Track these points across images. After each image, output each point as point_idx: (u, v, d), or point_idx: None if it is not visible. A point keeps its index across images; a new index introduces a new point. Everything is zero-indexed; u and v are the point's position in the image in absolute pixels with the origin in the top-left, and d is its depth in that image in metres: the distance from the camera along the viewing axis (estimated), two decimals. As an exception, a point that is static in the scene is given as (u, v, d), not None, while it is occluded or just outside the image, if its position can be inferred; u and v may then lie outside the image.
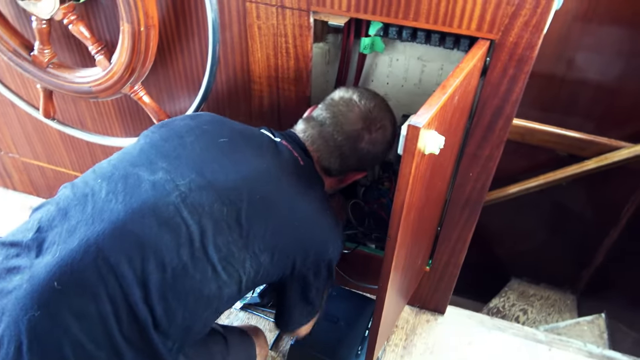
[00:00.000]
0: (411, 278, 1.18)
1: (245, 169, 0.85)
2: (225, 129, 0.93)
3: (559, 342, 1.40)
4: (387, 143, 1.02)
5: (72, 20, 1.08)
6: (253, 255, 0.82)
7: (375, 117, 0.98)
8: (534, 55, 0.88)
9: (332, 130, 0.98)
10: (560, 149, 1.83)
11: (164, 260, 0.74)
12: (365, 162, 1.02)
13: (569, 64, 1.73)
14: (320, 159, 0.99)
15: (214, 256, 0.78)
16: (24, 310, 0.69)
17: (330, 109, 0.99)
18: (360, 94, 1.00)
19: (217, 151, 0.86)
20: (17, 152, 1.70)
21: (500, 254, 2.32)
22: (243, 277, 0.82)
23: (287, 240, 0.86)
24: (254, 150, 0.90)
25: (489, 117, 0.98)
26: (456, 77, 0.77)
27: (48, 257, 0.72)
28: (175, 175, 0.80)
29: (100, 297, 0.71)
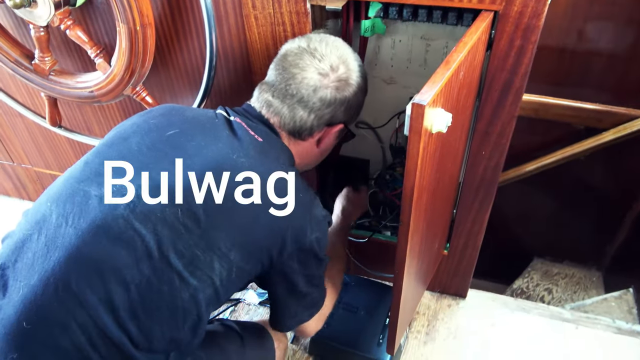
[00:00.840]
0: (429, 263, 1.15)
1: (198, 161, 0.78)
2: (175, 118, 0.85)
3: (586, 320, 1.37)
4: (355, 84, 0.89)
5: (69, 26, 1.07)
6: (221, 255, 0.75)
7: (330, 57, 0.86)
8: (540, 24, 0.84)
9: (284, 86, 0.86)
10: (576, 122, 1.78)
11: (125, 279, 0.70)
12: (336, 111, 0.89)
13: (579, 34, 1.68)
14: (283, 123, 0.88)
15: (177, 264, 0.72)
16: (3, 354, 0.68)
17: (279, 64, 0.88)
18: (308, 39, 0.89)
19: (166, 147, 0.79)
20: (30, 162, 1.71)
21: (521, 234, 2.28)
22: (215, 279, 0.76)
23: (256, 232, 0.78)
24: (208, 135, 0.82)
25: (498, 92, 0.95)
26: (459, 52, 0.74)
27: (14, 296, 0.70)
28: None
29: (71, 328, 0.68)
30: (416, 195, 0.73)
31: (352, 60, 0.90)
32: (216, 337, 0.92)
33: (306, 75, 0.86)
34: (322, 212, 0.87)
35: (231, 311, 1.40)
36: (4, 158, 1.75)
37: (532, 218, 2.19)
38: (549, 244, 2.25)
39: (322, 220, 0.86)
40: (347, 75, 0.88)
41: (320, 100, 0.87)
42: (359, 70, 0.91)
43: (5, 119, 1.58)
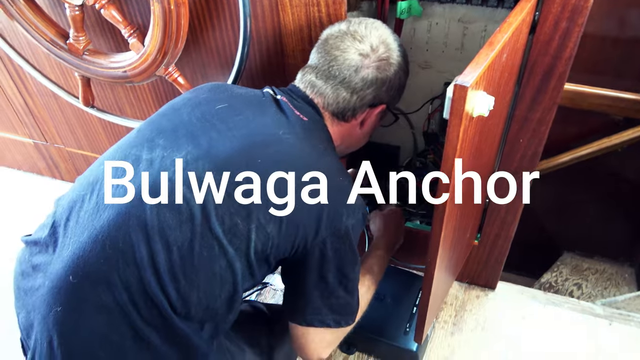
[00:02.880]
0: (460, 252, 1.13)
1: (245, 133, 0.80)
2: (225, 94, 0.88)
3: (619, 317, 1.33)
4: (396, 63, 0.90)
5: (103, 5, 1.08)
6: (259, 226, 0.75)
7: (370, 38, 0.88)
8: (589, 5, 0.80)
9: (327, 67, 0.88)
10: (614, 113, 1.71)
11: (168, 240, 0.72)
12: (378, 91, 0.89)
13: (621, 22, 1.61)
14: (327, 104, 0.89)
15: (218, 230, 0.74)
16: (48, 307, 0.71)
17: (322, 48, 0.90)
18: (348, 22, 0.91)
19: (214, 118, 0.82)
20: (62, 142, 1.74)
21: (551, 226, 2.23)
22: (251, 250, 0.76)
23: (294, 208, 0.78)
24: (255, 110, 0.84)
25: (540, 76, 0.91)
26: (504, 33, 0.72)
27: (64, 252, 0.73)
28: (171, 149, 0.77)
29: (115, 285, 0.70)
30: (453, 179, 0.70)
31: (391, 40, 0.90)
32: (244, 316, 0.93)
33: (347, 56, 0.87)
34: (359, 200, 0.85)
35: (257, 295, 1.41)
36: (38, 138, 1.78)
37: (563, 211, 2.14)
38: (579, 238, 2.19)
39: (358, 209, 0.84)
40: (387, 55, 0.89)
41: (362, 80, 0.87)
42: (399, 50, 0.91)
43: (40, 99, 1.61)
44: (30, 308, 0.74)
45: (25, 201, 1.85)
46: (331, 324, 0.85)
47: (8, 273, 0.84)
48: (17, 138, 1.83)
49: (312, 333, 0.86)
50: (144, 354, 0.72)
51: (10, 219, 1.76)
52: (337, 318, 0.86)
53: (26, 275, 0.78)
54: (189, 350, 0.75)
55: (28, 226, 0.84)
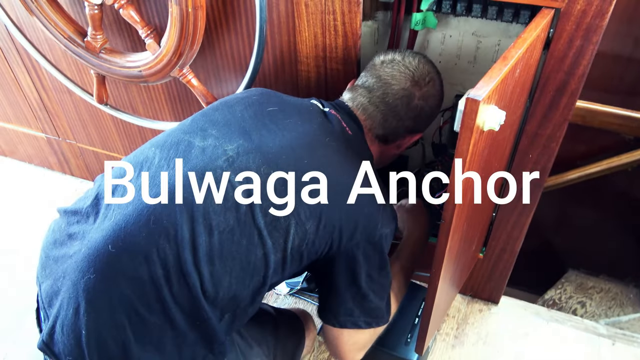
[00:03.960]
0: (464, 264, 1.13)
1: (294, 135, 0.84)
2: (275, 99, 0.92)
3: (623, 337, 1.32)
4: (439, 96, 0.98)
5: (122, 5, 1.09)
6: (299, 222, 0.79)
7: (422, 71, 0.94)
8: (604, 24, 0.81)
9: (381, 94, 0.93)
10: (625, 132, 1.71)
11: (212, 223, 0.74)
12: (420, 121, 0.97)
13: (636, 41, 1.61)
14: (374, 127, 0.95)
15: (260, 221, 0.76)
16: (81, 273, 0.72)
17: (375, 73, 0.95)
18: (401, 53, 0.96)
19: (265, 118, 0.86)
20: (74, 138, 1.76)
21: (557, 243, 2.21)
22: (288, 245, 0.79)
23: (333, 208, 0.82)
24: (303, 117, 0.89)
25: (552, 92, 0.91)
26: (518, 48, 0.72)
27: (105, 222, 0.75)
28: (223, 141, 0.81)
29: (153, 260, 0.72)
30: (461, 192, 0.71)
31: (437, 77, 0.97)
32: (253, 316, 0.94)
33: (402, 86, 0.93)
34: (394, 213, 0.90)
35: (260, 298, 1.41)
36: (51, 132, 1.80)
37: (569, 228, 2.12)
38: (585, 256, 2.18)
39: (393, 220, 0.89)
40: (434, 91, 0.96)
41: (410, 111, 0.94)
42: (441, 85, 0.98)
43: (55, 94, 1.63)
44: (60, 275, 0.75)
45: (35, 195, 1.87)
46: (362, 325, 0.89)
47: (9, 266, 0.85)
48: (30, 132, 1.86)
49: (345, 335, 0.90)
50: (167, 332, 0.73)
51: (20, 213, 1.78)
52: (369, 320, 0.89)
53: (59, 244, 0.79)
54: (209, 335, 0.76)
55: (36, 219, 0.85)
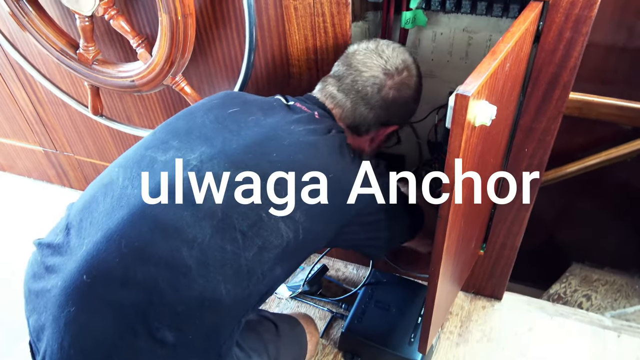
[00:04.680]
0: (464, 262, 1.12)
1: (258, 131, 0.83)
2: (236, 100, 0.91)
3: (629, 329, 1.31)
4: (415, 87, 0.95)
5: (112, 15, 1.10)
6: (285, 216, 0.78)
7: (395, 60, 0.92)
8: (593, 15, 0.80)
9: (350, 81, 0.91)
10: (623, 123, 1.70)
11: (188, 237, 0.73)
12: (394, 111, 0.94)
13: (629, 31, 1.60)
14: (344, 116, 0.93)
15: (241, 225, 0.75)
16: (60, 307, 0.71)
17: (346, 61, 0.93)
18: (375, 42, 0.94)
19: (227, 120, 0.85)
20: (72, 150, 1.76)
21: (560, 237, 2.21)
22: (282, 239, 0.78)
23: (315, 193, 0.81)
24: (266, 111, 0.88)
25: (545, 86, 0.91)
26: (507, 43, 0.72)
27: (77, 252, 0.74)
28: (185, 151, 0.80)
29: (129, 284, 0.70)
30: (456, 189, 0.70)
31: (414, 67, 0.95)
32: (252, 324, 0.93)
33: (373, 73, 0.90)
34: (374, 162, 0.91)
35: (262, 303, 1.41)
36: (48, 146, 1.81)
37: (572, 221, 2.11)
38: (589, 249, 2.17)
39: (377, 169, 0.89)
40: (409, 79, 0.93)
41: (382, 99, 0.91)
42: (418, 76, 0.96)
43: (50, 107, 1.63)
44: (42, 309, 0.74)
45: (35, 209, 1.87)
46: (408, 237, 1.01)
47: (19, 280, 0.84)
48: (28, 146, 1.86)
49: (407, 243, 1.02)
50: (157, 352, 0.72)
51: (20, 227, 1.78)
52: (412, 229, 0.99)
53: (38, 278, 0.78)
54: (205, 349, 0.75)
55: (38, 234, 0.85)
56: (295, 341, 1.00)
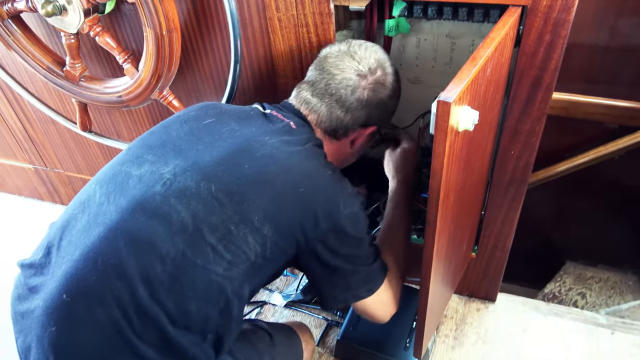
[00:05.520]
0: (456, 265, 1.13)
1: (232, 142, 0.82)
2: (212, 111, 0.90)
3: (622, 325, 1.32)
4: (391, 86, 0.93)
5: (98, 32, 1.10)
6: (254, 229, 0.77)
7: (369, 60, 0.91)
8: (570, 18, 0.82)
9: (324, 85, 0.90)
10: (609, 121, 1.72)
11: (161, 252, 0.72)
12: (371, 112, 0.92)
13: (611, 30, 1.63)
14: (320, 121, 0.92)
15: (210, 238, 0.75)
16: (43, 327, 0.71)
17: (319, 65, 0.92)
18: (348, 43, 0.93)
19: (202, 132, 0.85)
20: (62, 166, 1.76)
21: (552, 236, 2.22)
22: (250, 254, 0.77)
23: (287, 205, 0.79)
24: (242, 122, 0.87)
25: (527, 88, 0.92)
26: (486, 48, 0.73)
27: (57, 271, 0.74)
28: (159, 164, 0.79)
29: (108, 302, 0.70)
30: (442, 195, 0.71)
31: (388, 65, 0.94)
32: (246, 334, 0.93)
33: (345, 75, 0.89)
34: (353, 190, 0.87)
35: (257, 313, 1.41)
36: (38, 163, 1.80)
37: (564, 220, 2.13)
38: (582, 247, 2.18)
39: (355, 197, 0.86)
40: (383, 78, 0.92)
41: (358, 100, 0.90)
42: (394, 74, 0.95)
43: (39, 125, 1.63)
44: (28, 330, 0.74)
45: (27, 227, 1.86)
46: (365, 295, 0.89)
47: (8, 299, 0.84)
48: (17, 164, 1.85)
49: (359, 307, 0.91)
50: None
51: (12, 245, 1.77)
52: (370, 287, 0.89)
53: (23, 299, 0.78)
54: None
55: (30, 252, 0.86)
56: (291, 350, 1.00)
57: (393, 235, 1.01)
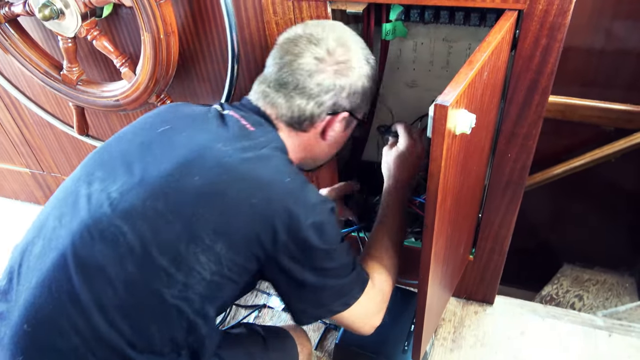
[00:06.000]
0: (454, 268, 1.13)
1: (183, 153, 0.75)
2: (169, 115, 0.85)
3: (620, 327, 1.32)
4: (357, 65, 0.84)
5: (95, 36, 1.10)
6: (205, 248, 0.71)
7: (327, 41, 0.82)
8: (566, 22, 0.82)
9: (280, 74, 0.82)
10: (605, 124, 1.73)
11: (111, 277, 0.70)
12: (337, 96, 0.83)
13: (607, 34, 1.64)
14: (281, 114, 0.84)
15: (161, 260, 0.70)
16: (13, 356, 0.70)
17: (274, 54, 0.85)
18: (305, 24, 0.86)
19: (154, 143, 0.79)
20: (59, 171, 1.76)
21: (549, 239, 2.23)
22: (205, 273, 0.72)
23: (240, 219, 0.72)
24: (197, 126, 0.81)
25: (524, 92, 0.93)
26: (483, 52, 0.73)
27: (19, 299, 0.72)
28: (108, 182, 0.75)
29: (66, 330, 0.69)
30: (440, 198, 0.71)
31: (353, 42, 0.85)
32: (240, 339, 0.92)
33: (301, 60, 0.82)
34: (318, 197, 0.78)
35: (255, 317, 1.40)
36: (35, 167, 1.80)
37: (561, 223, 2.14)
38: (578, 250, 2.19)
39: (319, 205, 0.77)
40: (346, 57, 0.83)
41: (318, 85, 0.82)
42: (362, 53, 0.86)
43: (36, 129, 1.63)
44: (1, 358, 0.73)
45: (23, 232, 1.85)
46: (340, 309, 0.82)
47: None
48: (14, 168, 1.85)
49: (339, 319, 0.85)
50: None
51: (8, 250, 1.76)
52: (345, 300, 0.82)
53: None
54: None
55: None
56: (285, 354, 0.98)
57: (380, 241, 0.96)
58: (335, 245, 0.79)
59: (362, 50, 0.87)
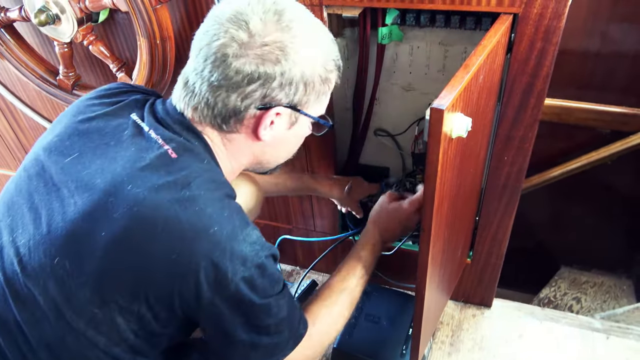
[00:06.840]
0: (452, 271, 1.13)
1: (91, 194, 0.65)
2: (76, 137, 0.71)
3: (618, 330, 1.32)
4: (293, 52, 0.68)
5: (91, 41, 1.10)
6: (121, 309, 0.64)
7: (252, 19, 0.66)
8: (561, 25, 0.83)
9: (194, 67, 0.69)
10: (601, 126, 1.74)
11: (30, 341, 0.65)
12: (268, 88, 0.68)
13: (602, 36, 1.65)
14: (204, 116, 0.70)
15: (77, 323, 0.64)
16: None
17: (192, 44, 0.71)
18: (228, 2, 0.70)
19: (60, 182, 0.68)
20: (55, 176, 1.75)
21: (547, 242, 2.23)
22: (127, 334, 0.66)
23: (158, 277, 0.64)
24: (109, 155, 0.68)
25: (520, 95, 0.93)
26: (479, 56, 0.73)
27: None
28: (17, 232, 0.67)
29: None
30: (437, 201, 0.71)
31: (297, 23, 0.69)
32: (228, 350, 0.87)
33: (219, 43, 0.66)
34: (253, 246, 0.67)
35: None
36: (31, 172, 1.79)
37: (558, 225, 2.14)
38: (576, 252, 2.19)
39: (253, 256, 0.66)
40: (276, 39, 0.67)
41: (238, 73, 0.66)
42: (307, 36, 0.69)
43: (32, 134, 1.62)
44: None
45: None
46: None
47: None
48: (10, 173, 1.84)
49: None
50: None
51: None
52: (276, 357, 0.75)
53: None
54: None
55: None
56: None
57: (338, 286, 0.90)
58: (273, 298, 0.70)
59: (311, 32, 0.70)
